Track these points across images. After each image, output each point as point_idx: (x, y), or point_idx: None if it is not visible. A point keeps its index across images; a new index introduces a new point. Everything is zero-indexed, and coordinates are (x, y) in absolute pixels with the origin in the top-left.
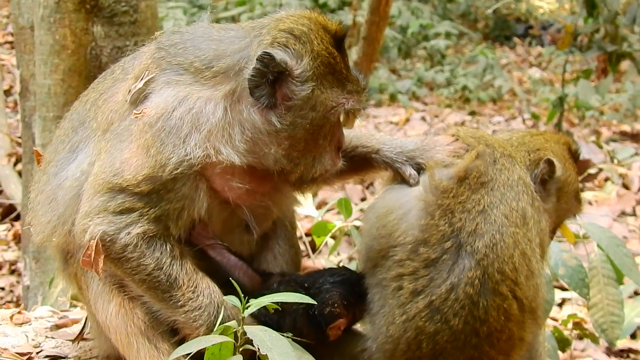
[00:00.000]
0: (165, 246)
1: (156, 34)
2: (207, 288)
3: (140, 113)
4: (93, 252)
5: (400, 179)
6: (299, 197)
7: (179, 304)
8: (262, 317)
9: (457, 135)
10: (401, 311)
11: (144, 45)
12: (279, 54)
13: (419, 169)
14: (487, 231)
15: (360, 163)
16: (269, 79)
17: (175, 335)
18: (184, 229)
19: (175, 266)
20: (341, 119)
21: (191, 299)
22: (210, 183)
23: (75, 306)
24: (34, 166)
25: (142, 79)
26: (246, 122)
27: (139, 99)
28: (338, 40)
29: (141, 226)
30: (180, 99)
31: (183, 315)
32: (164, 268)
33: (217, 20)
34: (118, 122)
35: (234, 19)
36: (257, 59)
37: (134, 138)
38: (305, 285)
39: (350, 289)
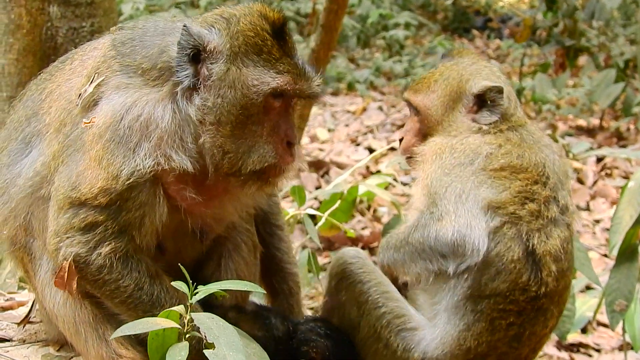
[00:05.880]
0: (141, 265)
1: (112, 29)
2: None
3: (89, 122)
4: (66, 274)
5: None
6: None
7: None
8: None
9: None
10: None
11: (100, 28)
12: (196, 29)
13: None
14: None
15: None
16: (188, 54)
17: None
18: (149, 238)
19: (156, 285)
20: (278, 105)
21: None
22: (165, 189)
23: (23, 288)
24: None
25: (92, 81)
26: (189, 117)
27: (89, 104)
28: (277, 27)
29: (109, 243)
30: (128, 106)
31: None
32: (145, 288)
33: (177, 5)
34: (70, 125)
35: (193, 4)
36: (180, 33)
37: (87, 149)
38: (297, 325)
39: (340, 351)
